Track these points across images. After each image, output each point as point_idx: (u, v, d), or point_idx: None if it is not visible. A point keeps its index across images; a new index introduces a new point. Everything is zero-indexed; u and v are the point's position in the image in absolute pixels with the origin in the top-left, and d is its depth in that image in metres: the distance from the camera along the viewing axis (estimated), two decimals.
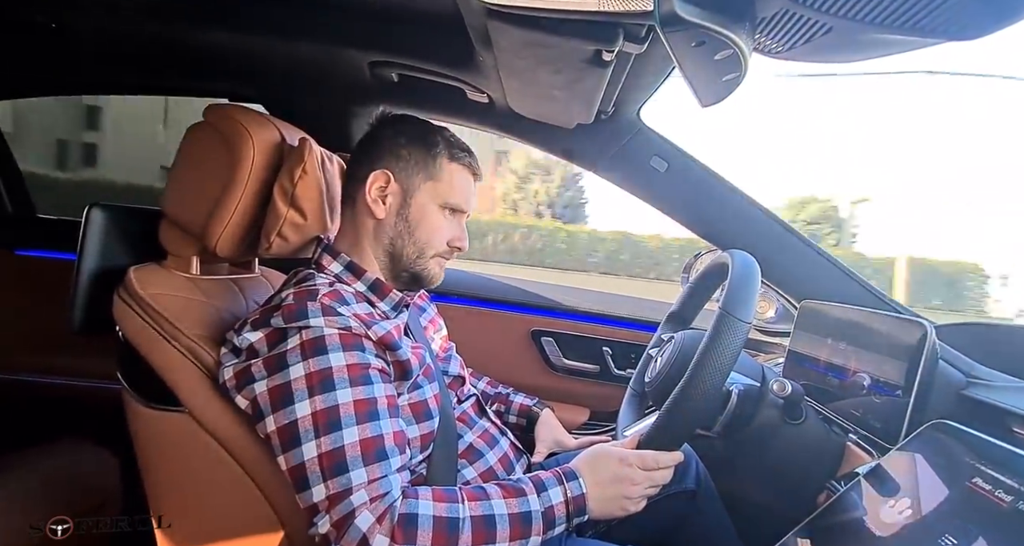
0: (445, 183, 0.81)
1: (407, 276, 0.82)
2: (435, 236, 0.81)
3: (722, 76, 0.53)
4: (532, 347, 1.34)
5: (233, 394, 0.70)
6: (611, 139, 1.14)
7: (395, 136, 0.82)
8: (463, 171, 0.83)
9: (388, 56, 1.00)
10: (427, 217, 0.80)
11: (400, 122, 0.85)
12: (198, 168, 0.81)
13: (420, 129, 0.83)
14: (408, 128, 0.83)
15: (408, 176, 0.80)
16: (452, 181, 0.81)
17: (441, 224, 0.81)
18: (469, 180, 0.84)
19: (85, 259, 0.82)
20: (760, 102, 30.27)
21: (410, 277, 0.82)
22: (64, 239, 1.03)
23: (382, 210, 0.79)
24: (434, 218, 0.80)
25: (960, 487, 0.49)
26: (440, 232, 0.81)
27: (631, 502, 0.70)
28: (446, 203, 0.81)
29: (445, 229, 0.81)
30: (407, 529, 0.60)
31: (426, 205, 0.80)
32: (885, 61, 0.77)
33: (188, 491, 0.77)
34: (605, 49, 0.67)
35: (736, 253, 0.77)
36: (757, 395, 0.78)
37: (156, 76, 1.32)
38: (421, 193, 0.80)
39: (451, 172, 0.81)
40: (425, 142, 0.81)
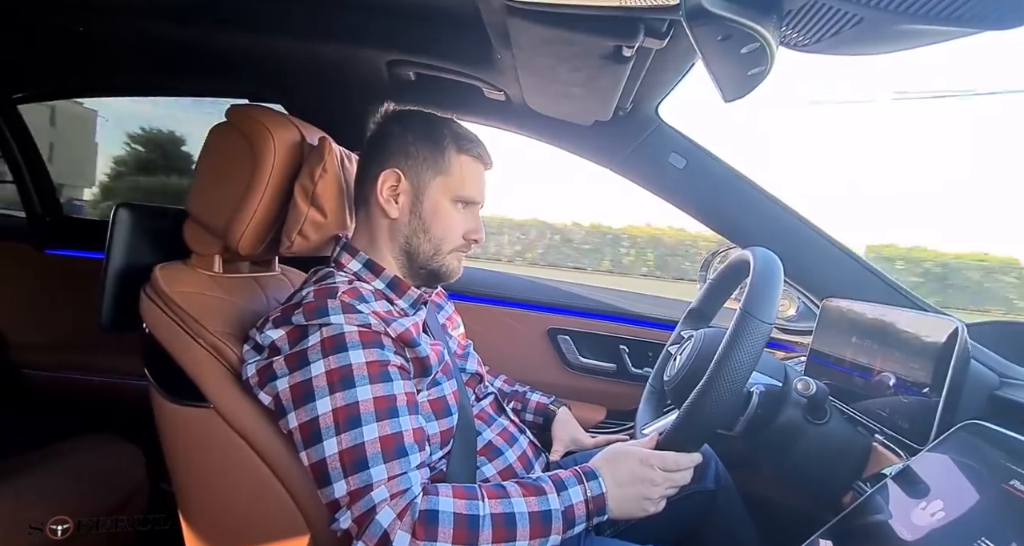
0: (456, 177, 0.79)
1: (425, 273, 0.82)
2: (450, 232, 0.80)
3: (748, 70, 0.52)
4: (549, 345, 1.34)
5: (256, 391, 0.71)
6: (629, 136, 1.13)
7: (403, 133, 0.81)
8: (472, 162, 0.81)
9: (406, 55, 1.00)
10: (440, 213, 0.79)
11: (406, 118, 0.83)
12: (220, 168, 0.83)
13: (427, 124, 0.82)
14: (415, 124, 0.82)
15: (418, 173, 0.79)
16: (463, 174, 0.80)
17: (455, 218, 0.80)
18: (479, 170, 0.83)
19: (113, 258, 0.84)
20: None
21: (428, 274, 0.82)
22: (91, 238, 1.05)
23: (395, 209, 0.79)
24: (447, 213, 0.80)
25: (996, 489, 0.48)
26: (455, 227, 0.80)
27: (651, 503, 0.69)
28: (458, 197, 0.80)
29: (459, 223, 0.81)
30: (428, 526, 0.60)
31: (439, 201, 0.79)
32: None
33: (213, 485, 0.78)
34: (626, 45, 0.67)
35: (758, 251, 0.75)
36: (780, 395, 0.76)
37: (178, 78, 1.34)
38: (432, 189, 0.79)
39: (461, 164, 0.80)
40: (432, 136, 0.80)
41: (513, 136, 1.23)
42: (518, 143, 1.28)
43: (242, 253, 0.82)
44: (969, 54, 23.09)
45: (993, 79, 45.33)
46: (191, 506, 0.82)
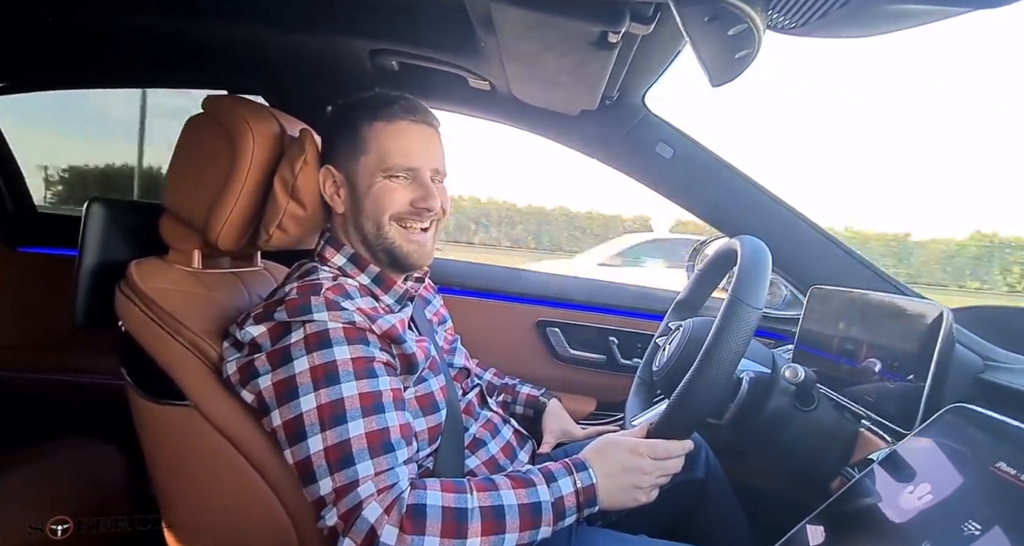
0: (374, 151, 0.75)
1: (384, 256, 0.78)
2: (381, 203, 0.75)
3: (735, 52, 0.51)
4: (537, 338, 1.33)
5: (238, 389, 0.69)
6: (616, 125, 1.12)
7: (325, 129, 0.80)
8: (390, 127, 0.75)
9: (388, 44, 0.98)
10: (373, 191, 0.75)
11: (327, 115, 0.82)
12: (198, 161, 0.80)
13: (342, 109, 0.79)
14: (331, 117, 0.80)
15: (343, 163, 0.77)
16: (380, 145, 0.75)
17: (387, 189, 0.75)
18: (403, 131, 0.75)
19: (86, 254, 0.81)
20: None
21: (388, 258, 0.77)
22: (65, 234, 1.02)
23: (340, 204, 0.78)
24: (382, 189, 0.75)
25: (983, 472, 0.48)
26: (389, 198, 0.75)
27: (642, 492, 0.69)
28: (387, 170, 0.74)
29: (397, 194, 0.75)
30: (416, 519, 0.60)
31: (369, 182, 0.75)
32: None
33: (195, 485, 0.77)
34: (611, 31, 0.66)
35: (745, 239, 0.75)
36: (768, 382, 0.77)
37: (153, 68, 1.30)
38: (359, 174, 0.76)
39: (376, 136, 0.75)
40: (345, 120, 0.77)
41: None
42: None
43: (222, 248, 0.80)
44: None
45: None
46: (173, 507, 0.80)
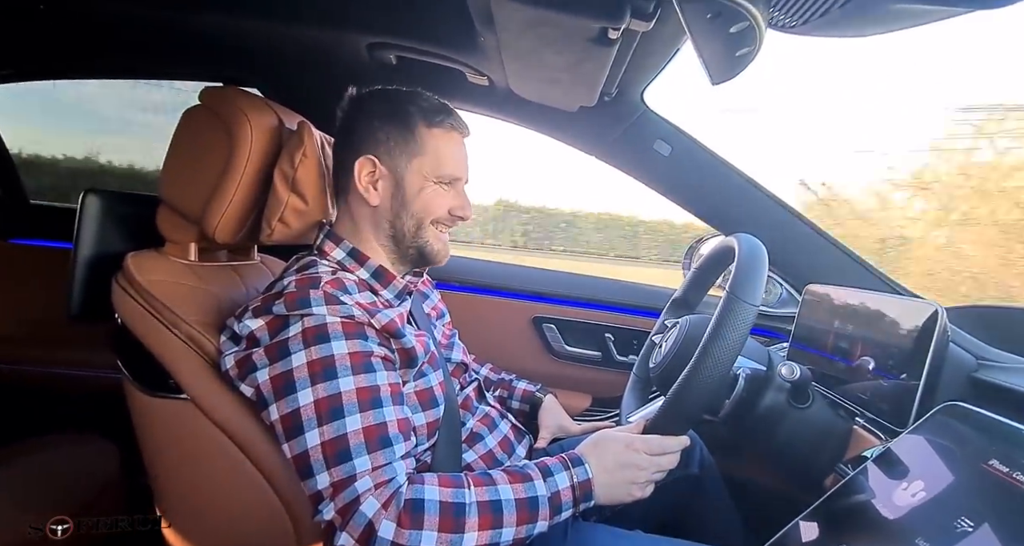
0: (431, 156, 0.76)
1: (414, 253, 0.79)
2: (431, 206, 0.77)
3: (736, 50, 0.51)
4: (534, 334, 1.33)
5: (237, 383, 0.69)
6: (614, 122, 1.12)
7: (368, 118, 0.78)
8: (445, 134, 0.77)
9: (387, 37, 0.98)
10: (423, 193, 0.77)
11: (369, 100, 0.79)
12: (195, 153, 0.80)
13: (390, 104, 0.78)
14: (378, 106, 0.78)
15: (392, 158, 0.76)
16: (438, 151, 0.77)
17: (438, 196, 0.77)
18: (455, 141, 0.79)
19: (81, 246, 0.80)
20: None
21: (417, 254, 0.79)
22: (59, 227, 1.01)
23: (376, 197, 0.77)
24: (429, 193, 0.77)
25: (975, 469, 0.49)
26: (437, 203, 0.77)
27: (638, 487, 0.69)
28: (439, 176, 0.77)
29: (443, 200, 0.78)
30: (414, 514, 0.60)
31: (419, 183, 0.76)
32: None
33: (192, 479, 0.76)
34: (612, 27, 0.66)
35: (743, 236, 0.76)
36: (764, 379, 0.77)
37: (149, 59, 1.29)
38: (411, 172, 0.76)
39: (435, 141, 0.76)
40: (398, 116, 0.76)
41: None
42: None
43: (219, 241, 0.79)
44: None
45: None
46: (170, 501, 0.80)
